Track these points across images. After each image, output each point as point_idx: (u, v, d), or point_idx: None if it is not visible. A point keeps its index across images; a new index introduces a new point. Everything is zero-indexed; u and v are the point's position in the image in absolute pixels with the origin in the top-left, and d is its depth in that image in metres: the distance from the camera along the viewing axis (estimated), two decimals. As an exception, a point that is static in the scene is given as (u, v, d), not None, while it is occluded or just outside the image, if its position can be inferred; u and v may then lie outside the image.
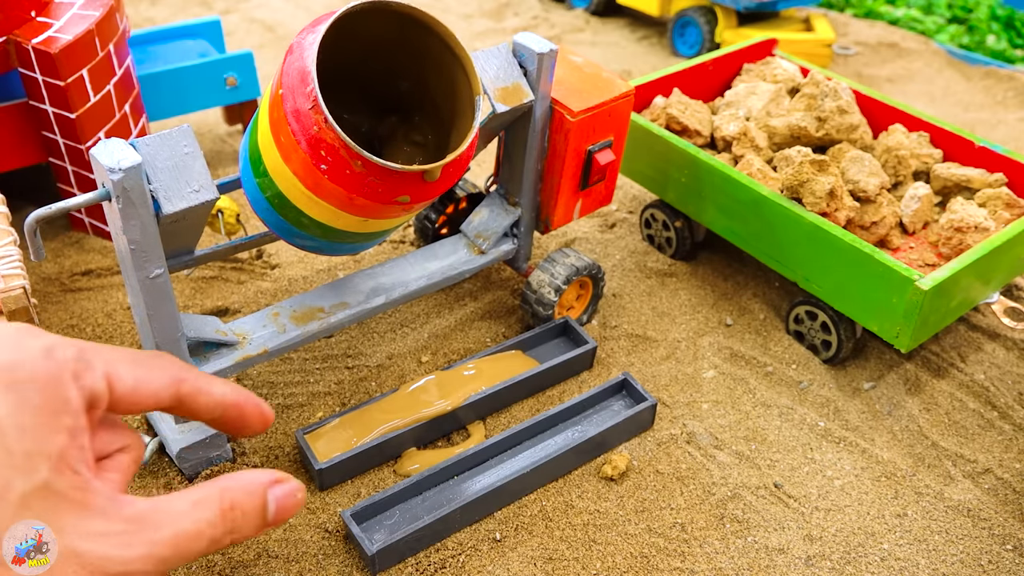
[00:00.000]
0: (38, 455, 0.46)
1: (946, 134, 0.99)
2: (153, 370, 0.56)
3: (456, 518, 0.69)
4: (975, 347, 0.92)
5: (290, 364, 0.85)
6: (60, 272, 0.95)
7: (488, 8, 1.74)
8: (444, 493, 0.72)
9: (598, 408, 0.81)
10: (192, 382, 0.59)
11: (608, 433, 0.76)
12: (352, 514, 0.68)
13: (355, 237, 0.69)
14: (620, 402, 0.82)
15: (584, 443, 0.74)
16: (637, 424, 0.78)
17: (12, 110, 0.91)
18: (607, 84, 0.82)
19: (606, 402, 0.81)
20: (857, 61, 1.60)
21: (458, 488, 0.73)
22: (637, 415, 0.78)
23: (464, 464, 0.74)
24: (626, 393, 0.82)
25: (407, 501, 0.71)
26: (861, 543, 0.72)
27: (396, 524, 0.70)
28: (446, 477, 0.73)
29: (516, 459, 0.76)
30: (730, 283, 1.00)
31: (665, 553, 0.70)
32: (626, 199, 1.14)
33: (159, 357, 0.59)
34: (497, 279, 0.98)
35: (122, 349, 0.55)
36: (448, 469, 0.73)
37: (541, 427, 0.78)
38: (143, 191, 0.57)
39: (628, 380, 0.81)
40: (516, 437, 0.76)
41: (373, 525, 0.69)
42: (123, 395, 0.53)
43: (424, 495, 0.72)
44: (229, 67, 1.12)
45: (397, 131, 0.75)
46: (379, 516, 0.70)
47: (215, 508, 0.55)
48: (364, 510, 0.68)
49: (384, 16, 0.64)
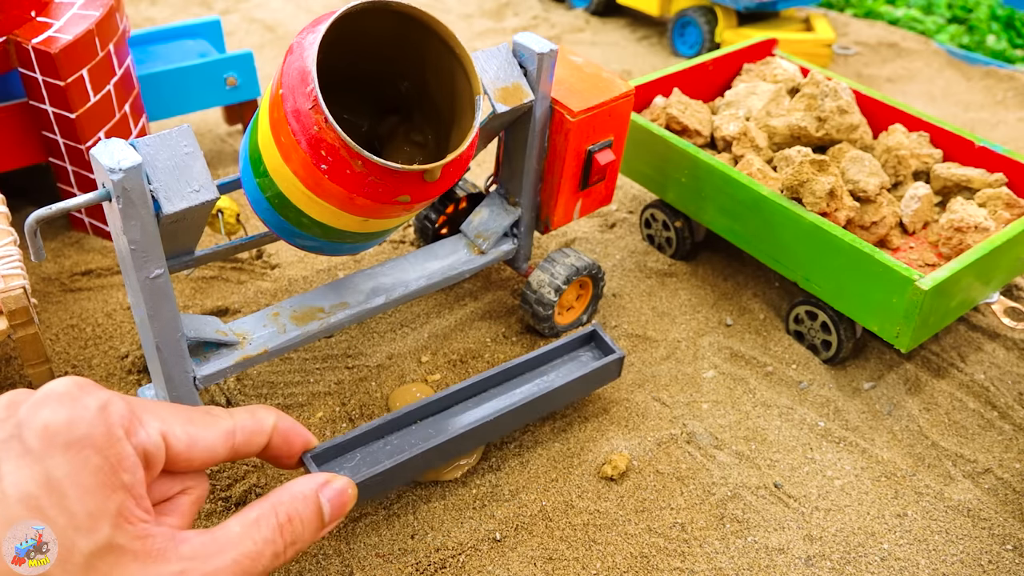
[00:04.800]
0: (100, 514, 0.46)
1: (946, 134, 0.99)
2: (206, 428, 0.56)
3: (418, 463, 0.68)
4: (975, 347, 0.92)
5: (290, 364, 0.85)
6: (60, 272, 0.95)
7: (488, 8, 1.74)
8: (406, 438, 0.72)
9: (566, 359, 0.80)
10: (243, 429, 0.59)
11: (575, 384, 0.75)
12: (312, 456, 0.66)
13: (355, 237, 0.69)
14: (588, 354, 0.81)
15: (550, 392, 0.74)
16: (604, 375, 0.78)
17: (12, 110, 0.91)
18: (607, 84, 0.82)
19: (574, 353, 0.81)
20: (857, 61, 1.60)
21: (421, 433, 0.72)
22: (605, 367, 0.77)
23: (427, 410, 0.73)
24: (595, 345, 0.81)
25: (369, 444, 0.71)
26: (861, 543, 0.72)
27: (356, 467, 0.69)
28: (409, 422, 0.72)
29: (481, 407, 0.75)
30: (730, 283, 1.00)
31: (665, 553, 0.70)
32: (626, 199, 1.14)
33: (209, 412, 0.59)
34: (497, 279, 0.98)
35: (173, 406, 0.55)
36: (411, 414, 0.72)
37: (508, 375, 0.77)
38: (143, 191, 0.57)
39: (597, 332, 0.80)
40: (482, 384, 0.76)
41: (333, 467, 0.69)
42: (179, 453, 0.54)
43: (386, 439, 0.71)
44: (229, 67, 1.12)
45: (397, 131, 0.75)
46: (339, 459, 0.69)
47: (272, 524, 0.55)
48: (325, 452, 0.68)
49: (384, 16, 0.64)
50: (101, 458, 0.47)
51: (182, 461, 0.54)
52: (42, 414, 0.47)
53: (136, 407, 0.51)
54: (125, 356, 0.84)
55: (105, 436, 0.48)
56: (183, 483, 0.55)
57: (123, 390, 0.81)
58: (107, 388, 0.79)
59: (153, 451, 0.51)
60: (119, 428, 0.49)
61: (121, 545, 0.46)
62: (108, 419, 0.49)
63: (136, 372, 0.83)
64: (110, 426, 0.48)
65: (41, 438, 0.45)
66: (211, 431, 0.55)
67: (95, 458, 0.47)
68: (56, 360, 0.84)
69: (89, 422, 0.47)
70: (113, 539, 0.46)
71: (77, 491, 0.45)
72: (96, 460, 0.47)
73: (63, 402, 0.48)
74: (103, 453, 0.47)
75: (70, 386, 0.49)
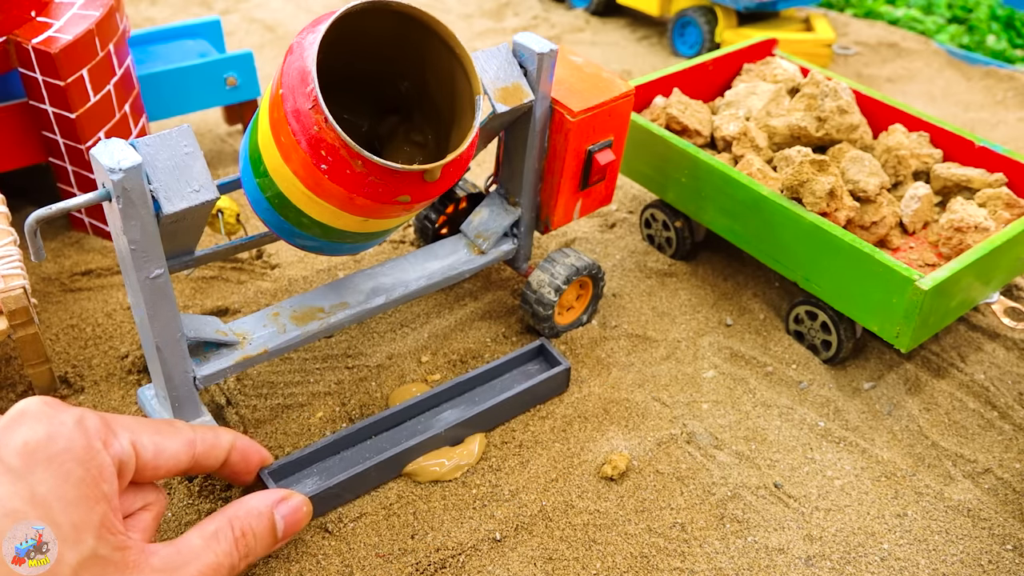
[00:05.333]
0: (84, 526, 0.47)
1: (946, 134, 0.99)
2: (170, 436, 0.59)
3: (371, 475, 0.72)
4: (975, 347, 0.92)
5: (290, 364, 0.85)
6: (60, 272, 0.95)
7: (488, 8, 1.74)
8: (360, 452, 0.75)
9: (515, 373, 0.84)
10: (203, 441, 0.62)
11: (523, 395, 0.79)
12: (270, 472, 0.70)
13: (355, 237, 0.69)
14: (536, 367, 0.85)
15: (498, 404, 0.78)
16: (552, 387, 0.82)
17: (12, 110, 0.91)
18: (607, 84, 0.82)
19: (523, 367, 0.85)
20: (857, 61, 1.60)
21: (374, 447, 0.76)
22: (551, 378, 0.81)
23: (380, 425, 0.77)
24: (543, 359, 0.85)
25: (325, 460, 0.74)
26: (861, 543, 0.72)
27: (313, 481, 0.72)
28: (363, 437, 0.76)
29: (433, 420, 0.79)
30: (730, 283, 1.00)
31: (665, 553, 0.70)
32: (626, 199, 1.14)
33: (172, 424, 0.61)
34: (497, 279, 0.98)
35: (139, 419, 0.57)
36: (364, 430, 0.75)
37: (459, 390, 0.81)
38: (143, 191, 0.57)
39: (544, 345, 0.85)
40: (434, 399, 0.79)
41: (291, 483, 0.72)
42: (147, 462, 0.56)
43: (341, 454, 0.75)
44: (229, 67, 1.12)
45: (397, 131, 0.75)
46: (297, 474, 0.72)
47: (229, 538, 0.57)
48: (281, 468, 0.71)
49: (384, 16, 0.64)
50: (83, 470, 0.48)
51: (149, 470, 0.55)
52: (19, 432, 0.47)
53: (107, 419, 0.53)
54: (125, 356, 0.84)
55: (85, 448, 0.48)
56: (144, 498, 0.57)
57: (123, 390, 0.81)
58: (105, 387, 0.80)
59: (127, 460, 0.52)
60: (97, 440, 0.50)
61: (104, 556, 0.47)
62: (86, 432, 0.49)
63: (136, 372, 0.83)
64: (89, 438, 0.49)
65: (21, 456, 0.46)
66: (175, 440, 0.58)
67: (77, 470, 0.47)
68: (56, 360, 0.84)
69: (67, 436, 0.48)
70: (96, 550, 0.47)
71: (61, 504, 0.46)
72: (79, 472, 0.47)
73: (39, 419, 0.48)
74: (84, 465, 0.48)
75: (40, 405, 0.50)
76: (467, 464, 0.75)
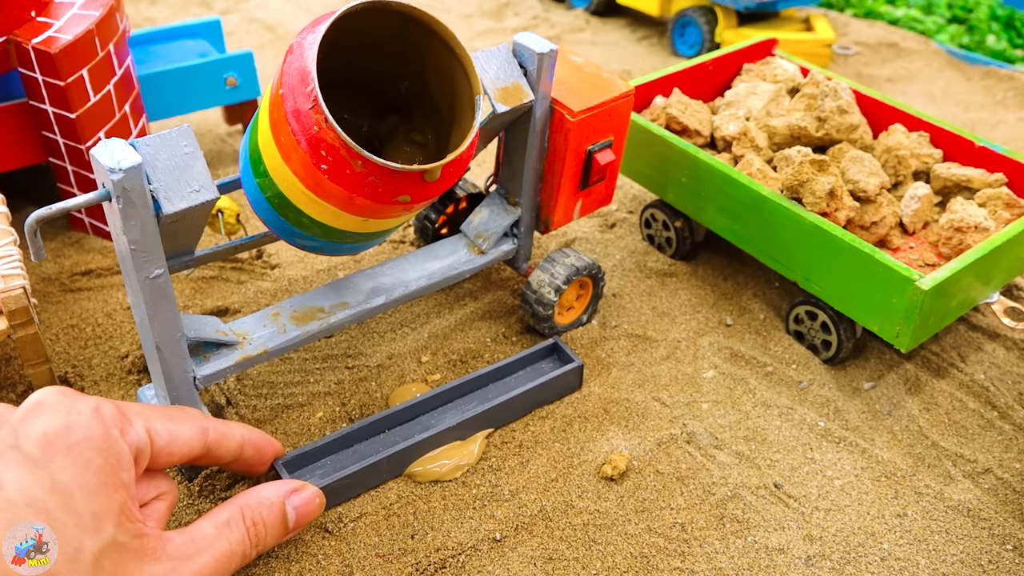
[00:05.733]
0: (104, 514, 0.47)
1: (946, 134, 0.99)
2: (182, 423, 0.59)
3: (383, 467, 0.72)
4: (975, 347, 0.92)
5: (290, 364, 0.85)
6: (60, 272, 0.95)
7: (488, 8, 1.74)
8: (373, 445, 0.76)
9: (529, 370, 0.85)
10: (215, 429, 0.63)
11: (535, 391, 0.80)
12: (284, 463, 0.71)
13: (355, 237, 0.69)
14: (549, 364, 0.85)
15: (511, 400, 0.78)
16: (564, 385, 0.82)
17: (12, 110, 0.91)
18: (607, 84, 0.82)
19: (536, 365, 0.85)
20: (857, 61, 1.60)
21: (387, 441, 0.77)
22: (563, 375, 0.81)
23: (394, 419, 0.77)
24: (556, 357, 0.85)
25: (338, 453, 0.75)
26: (861, 543, 0.72)
27: (325, 473, 0.73)
28: (377, 431, 0.77)
29: (446, 415, 0.79)
30: (730, 283, 1.00)
31: (665, 553, 0.70)
32: (626, 199, 1.14)
33: (183, 411, 0.62)
34: (497, 279, 0.98)
35: (151, 406, 0.58)
36: (378, 423, 0.76)
37: (472, 386, 0.81)
38: (143, 191, 0.57)
39: (558, 344, 0.85)
40: (447, 394, 0.80)
41: (305, 474, 0.73)
42: (161, 448, 0.56)
43: (355, 447, 0.76)
44: (229, 67, 1.12)
45: (397, 131, 0.75)
46: (311, 466, 0.73)
47: (241, 527, 0.58)
48: (296, 459, 0.72)
49: (384, 16, 0.64)
50: (102, 459, 0.48)
51: (163, 456, 0.56)
52: (38, 422, 0.47)
53: (122, 407, 0.53)
54: (125, 356, 0.84)
55: (103, 437, 0.49)
56: (158, 488, 0.57)
57: (123, 390, 0.81)
58: (105, 387, 0.80)
59: (142, 447, 0.53)
60: (115, 428, 0.50)
61: (123, 543, 0.47)
62: (103, 420, 0.50)
63: (136, 372, 0.83)
64: (107, 427, 0.49)
65: (41, 445, 0.46)
66: (187, 427, 0.58)
67: (97, 459, 0.47)
68: (56, 360, 0.84)
69: (86, 425, 0.48)
70: (116, 537, 0.47)
71: (82, 492, 0.46)
72: (98, 461, 0.47)
73: (57, 409, 0.49)
74: (103, 454, 0.48)
75: (57, 395, 0.50)
76: (467, 464, 0.75)
